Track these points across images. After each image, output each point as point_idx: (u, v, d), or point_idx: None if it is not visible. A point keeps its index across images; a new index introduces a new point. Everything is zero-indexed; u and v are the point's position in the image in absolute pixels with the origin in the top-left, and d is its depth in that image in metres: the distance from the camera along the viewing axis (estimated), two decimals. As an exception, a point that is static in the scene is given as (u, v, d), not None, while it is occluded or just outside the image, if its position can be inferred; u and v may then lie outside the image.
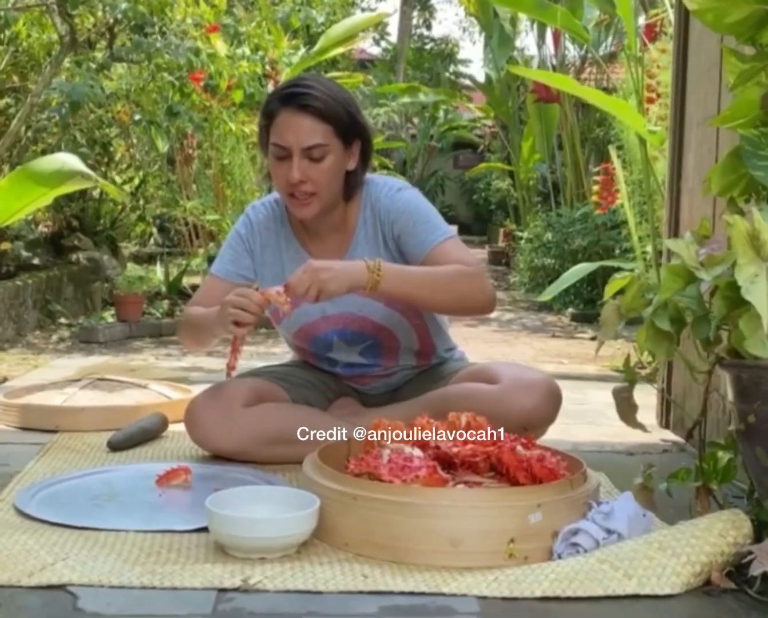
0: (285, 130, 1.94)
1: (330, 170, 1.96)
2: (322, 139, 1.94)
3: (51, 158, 2.69)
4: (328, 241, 2.08)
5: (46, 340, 4.51)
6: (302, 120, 1.93)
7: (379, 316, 2.06)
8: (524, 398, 1.95)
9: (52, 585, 1.33)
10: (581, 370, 3.93)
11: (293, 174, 1.94)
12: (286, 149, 1.94)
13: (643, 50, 4.09)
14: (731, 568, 1.37)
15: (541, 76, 5.47)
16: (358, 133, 2.01)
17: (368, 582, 1.36)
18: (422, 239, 1.98)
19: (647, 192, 3.89)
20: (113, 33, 5.01)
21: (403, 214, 2.02)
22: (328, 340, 2.13)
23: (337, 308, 2.07)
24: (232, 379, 2.17)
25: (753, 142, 1.54)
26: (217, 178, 6.10)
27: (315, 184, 1.96)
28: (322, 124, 1.94)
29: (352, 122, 1.99)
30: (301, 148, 1.93)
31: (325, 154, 1.95)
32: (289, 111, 1.94)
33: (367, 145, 2.04)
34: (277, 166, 1.98)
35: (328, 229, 2.07)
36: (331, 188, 1.99)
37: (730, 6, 1.56)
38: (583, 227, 6.42)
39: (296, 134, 1.93)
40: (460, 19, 19.75)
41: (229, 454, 2.02)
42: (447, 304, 1.96)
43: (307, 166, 1.94)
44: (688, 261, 1.42)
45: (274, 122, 1.97)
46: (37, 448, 2.20)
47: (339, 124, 1.96)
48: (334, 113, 1.95)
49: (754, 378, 1.39)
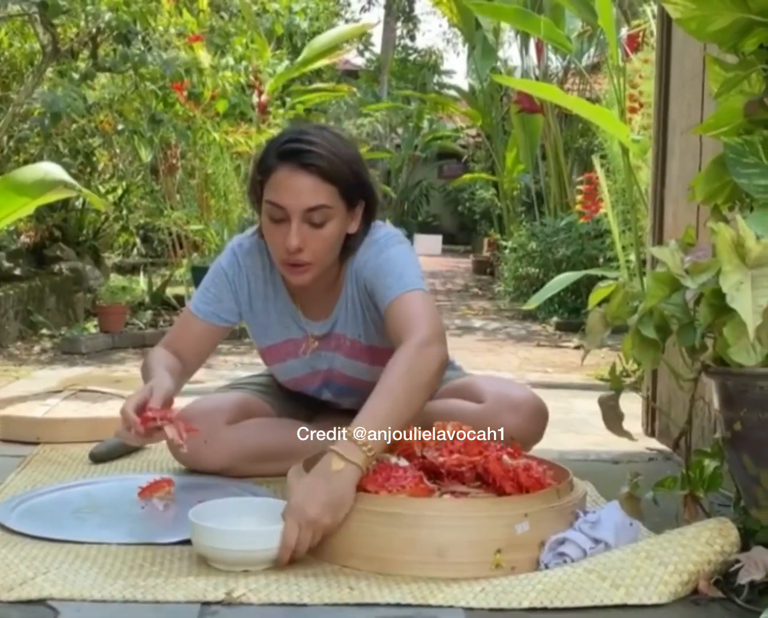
0: (283, 190, 1.74)
1: (331, 237, 1.78)
2: (326, 200, 1.74)
3: (33, 168, 2.67)
4: (316, 299, 1.94)
5: (28, 351, 4.47)
6: (304, 179, 1.73)
7: (364, 374, 1.99)
8: (509, 419, 1.90)
9: (32, 600, 1.31)
10: (566, 378, 3.93)
11: (291, 241, 1.74)
12: (284, 211, 1.74)
13: (625, 60, 4.11)
14: (719, 577, 1.37)
15: (526, 85, 5.50)
16: (363, 194, 1.83)
17: (354, 594, 1.34)
18: (383, 292, 1.79)
19: (630, 201, 3.90)
20: (96, 42, 4.99)
21: (374, 270, 1.83)
22: (318, 391, 2.11)
23: (324, 364, 2.01)
24: (214, 396, 2.14)
25: (737, 150, 1.55)
26: (201, 188, 6.08)
27: (313, 253, 1.77)
28: (325, 184, 1.74)
29: (358, 183, 1.80)
30: (302, 210, 1.73)
31: (327, 219, 1.76)
32: (288, 169, 1.73)
33: (372, 206, 1.86)
34: (272, 228, 1.78)
35: (319, 287, 1.91)
36: (330, 256, 1.82)
37: (713, 14, 1.57)
38: (567, 236, 6.44)
39: (297, 195, 1.73)
40: (443, 31, 19.85)
41: (214, 472, 1.99)
42: (423, 402, 1.64)
43: (306, 233, 1.75)
44: (673, 269, 1.41)
45: (270, 179, 1.76)
46: (18, 460, 2.17)
47: (343, 185, 1.76)
48: (338, 173, 1.75)
49: (739, 386, 1.39)
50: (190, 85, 5.12)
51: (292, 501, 1.46)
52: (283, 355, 2.03)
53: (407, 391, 1.58)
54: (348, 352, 1.97)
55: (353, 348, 1.96)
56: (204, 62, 5.32)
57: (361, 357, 1.96)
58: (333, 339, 1.97)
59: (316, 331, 1.97)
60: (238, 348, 4.87)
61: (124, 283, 6.58)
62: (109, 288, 5.80)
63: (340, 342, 1.97)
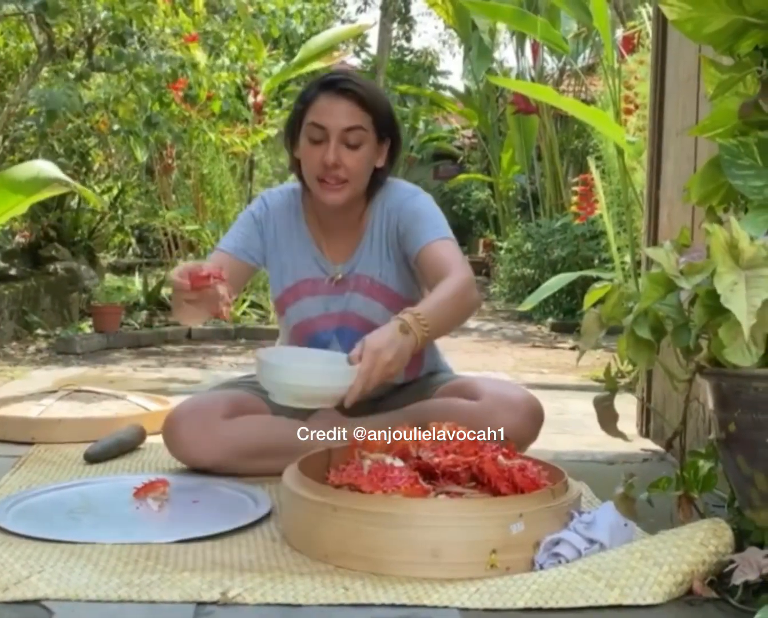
0: (324, 112, 1.94)
1: (364, 159, 1.97)
2: (361, 122, 1.95)
3: (27, 166, 2.67)
4: (339, 239, 2.09)
5: (23, 352, 4.46)
6: (343, 103, 1.95)
7: (380, 317, 2.04)
8: (505, 417, 1.93)
9: (27, 600, 1.30)
10: (561, 379, 3.93)
11: (329, 156, 1.93)
12: (324, 130, 1.94)
13: (620, 62, 4.12)
14: (713, 578, 1.37)
15: (521, 86, 5.50)
16: (391, 131, 2.03)
17: (349, 594, 1.34)
18: (420, 235, 1.98)
19: (625, 202, 3.91)
20: (92, 42, 4.98)
21: (409, 214, 2.03)
22: (326, 339, 2.12)
23: (339, 307, 2.09)
24: (210, 392, 2.15)
25: (732, 151, 1.55)
26: (197, 188, 6.07)
27: (348, 170, 1.96)
28: (361, 110, 1.95)
29: (389, 118, 2.01)
30: (340, 130, 1.93)
31: (362, 142, 1.95)
32: (329, 95, 1.95)
33: (397, 146, 2.06)
34: (311, 149, 1.97)
35: (342, 225, 2.07)
36: (361, 179, 2.00)
37: (708, 16, 1.57)
38: (563, 237, 6.45)
39: (336, 116, 1.93)
40: (439, 33, 19.85)
41: (209, 467, 1.99)
42: (457, 324, 1.96)
43: (343, 152, 1.95)
44: (668, 269, 1.42)
45: (311, 106, 1.96)
46: (13, 460, 2.17)
47: (377, 116, 1.98)
48: (374, 103, 1.97)
49: (734, 386, 1.39)
50: (186, 85, 5.12)
51: (369, 344, 1.68)
52: (300, 294, 2.09)
53: (454, 306, 1.85)
54: (367, 291, 2.08)
55: (372, 287, 2.08)
56: (200, 62, 5.32)
57: (378, 297, 2.07)
58: (352, 279, 2.09)
59: (338, 271, 2.09)
60: (234, 348, 4.88)
61: (119, 283, 6.58)
62: (104, 288, 5.80)
63: (359, 281, 2.08)
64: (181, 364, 4.20)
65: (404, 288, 2.09)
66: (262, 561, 1.48)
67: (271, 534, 1.63)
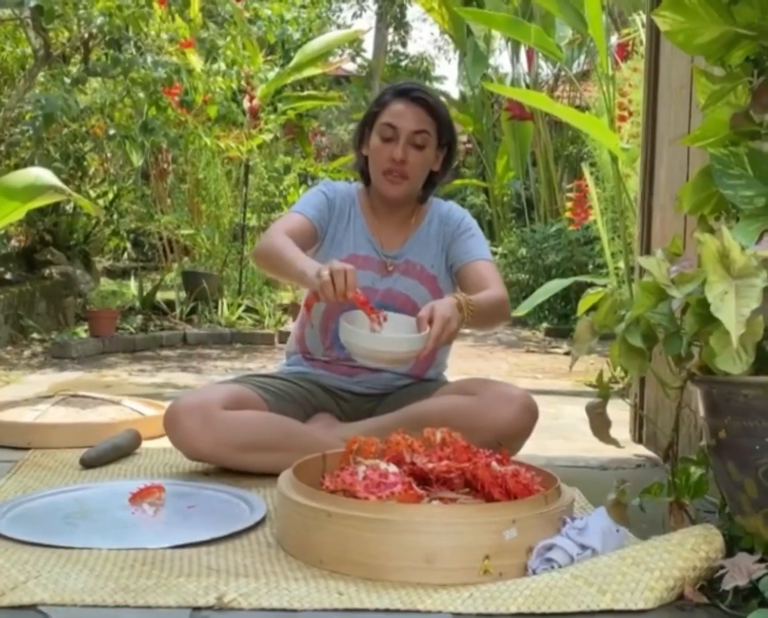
0: (397, 115, 2.19)
1: (425, 160, 2.22)
2: (428, 127, 2.19)
3: (23, 172, 2.68)
4: (391, 231, 2.29)
5: (18, 356, 4.46)
6: (414, 108, 2.19)
7: (422, 301, 2.12)
8: (501, 410, 2.01)
9: (23, 605, 1.31)
10: (555, 384, 3.95)
11: (398, 152, 2.17)
12: (395, 130, 2.18)
13: (615, 69, 4.14)
14: (704, 583, 1.38)
15: (516, 93, 5.52)
16: (449, 139, 2.27)
17: (343, 599, 1.35)
18: (469, 249, 2.25)
19: (619, 208, 3.93)
20: (88, 47, 4.99)
21: (464, 226, 2.29)
22: None
23: (385, 284, 2.23)
24: (213, 384, 2.19)
25: (723, 161, 1.57)
26: (192, 192, 6.08)
27: (411, 168, 2.19)
28: (428, 117, 2.20)
29: (450, 128, 2.27)
30: (410, 131, 2.17)
31: (426, 144, 2.20)
32: (403, 100, 2.20)
33: (451, 155, 2.29)
34: (381, 146, 2.20)
35: (395, 220, 2.29)
36: (420, 177, 2.24)
37: (700, 27, 1.59)
38: (557, 243, 6.47)
39: (408, 119, 2.18)
40: (435, 38, 19.88)
41: (206, 455, 2.02)
42: (488, 327, 2.24)
43: (409, 151, 2.18)
44: (659, 279, 1.43)
45: (386, 109, 2.21)
46: (9, 465, 2.17)
47: (440, 123, 2.22)
48: (438, 112, 2.22)
49: (724, 394, 1.40)
50: (182, 90, 5.13)
51: (441, 312, 1.93)
52: (351, 262, 2.13)
53: (494, 309, 2.12)
54: (418, 276, 2.26)
55: (422, 274, 2.26)
56: (195, 67, 5.33)
57: (425, 282, 2.25)
58: (402, 263, 2.27)
59: (389, 255, 2.27)
60: (229, 353, 4.89)
61: (114, 287, 6.58)
62: (99, 292, 5.80)
63: (408, 266, 2.26)
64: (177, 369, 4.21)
65: (446, 287, 2.26)
66: (258, 566, 1.49)
67: (266, 539, 1.64)
